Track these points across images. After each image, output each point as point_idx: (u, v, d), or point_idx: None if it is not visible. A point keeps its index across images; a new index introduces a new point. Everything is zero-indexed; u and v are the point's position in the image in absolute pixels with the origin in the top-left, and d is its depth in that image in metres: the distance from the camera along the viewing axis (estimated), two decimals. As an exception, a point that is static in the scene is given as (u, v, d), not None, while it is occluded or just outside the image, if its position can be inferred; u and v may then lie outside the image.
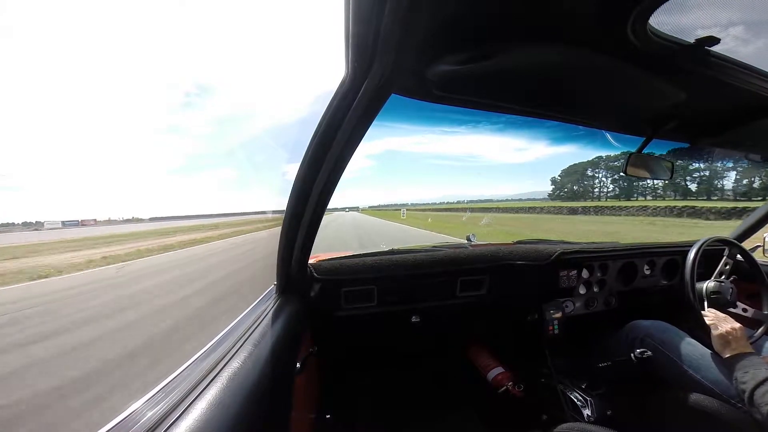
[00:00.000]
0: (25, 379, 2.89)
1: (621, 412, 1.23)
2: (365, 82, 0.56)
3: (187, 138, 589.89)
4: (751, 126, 1.00)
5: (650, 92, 0.80)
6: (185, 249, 14.24)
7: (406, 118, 0.89)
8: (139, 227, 59.68)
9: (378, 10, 0.43)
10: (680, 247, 1.63)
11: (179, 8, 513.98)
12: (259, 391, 0.58)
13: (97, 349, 3.37)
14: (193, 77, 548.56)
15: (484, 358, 1.65)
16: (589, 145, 1.33)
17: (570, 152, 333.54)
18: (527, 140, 1.27)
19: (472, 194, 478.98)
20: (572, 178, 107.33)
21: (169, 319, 4.13)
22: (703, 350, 1.15)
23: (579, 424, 1.07)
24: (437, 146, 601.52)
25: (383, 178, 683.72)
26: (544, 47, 0.60)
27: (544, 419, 1.34)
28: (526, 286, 1.45)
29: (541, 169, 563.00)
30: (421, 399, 1.59)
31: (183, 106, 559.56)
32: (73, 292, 6.55)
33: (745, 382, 0.89)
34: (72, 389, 2.59)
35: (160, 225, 64.53)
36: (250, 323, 0.81)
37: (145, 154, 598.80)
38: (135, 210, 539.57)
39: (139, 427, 0.45)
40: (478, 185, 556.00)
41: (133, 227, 60.42)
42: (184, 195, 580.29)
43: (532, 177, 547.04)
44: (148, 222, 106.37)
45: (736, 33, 0.61)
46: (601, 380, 1.32)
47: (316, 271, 1.17)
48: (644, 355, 1.21)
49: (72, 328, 4.12)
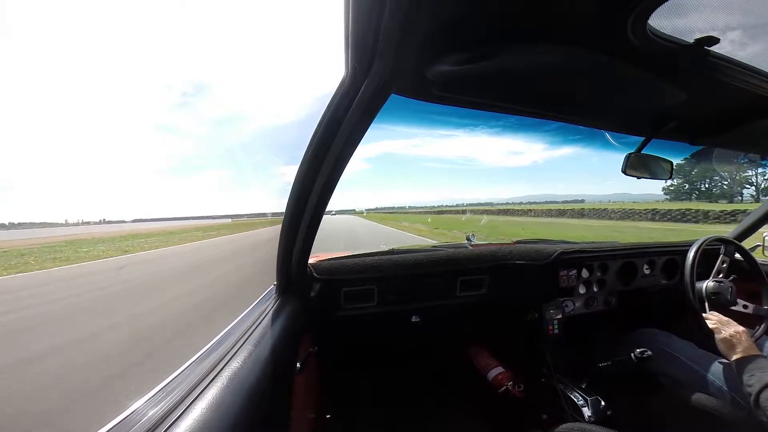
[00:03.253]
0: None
1: (621, 412, 1.23)
2: (365, 82, 0.56)
3: (184, 138, 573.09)
4: (750, 126, 1.00)
5: (650, 92, 0.80)
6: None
7: (406, 119, 0.89)
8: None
9: (378, 10, 0.43)
10: (680, 246, 1.63)
11: (178, 8, 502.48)
12: (259, 391, 0.58)
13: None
14: (191, 77, 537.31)
15: (484, 358, 1.65)
16: (588, 146, 1.33)
17: (568, 155, 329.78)
18: (524, 143, 1.27)
19: (471, 197, 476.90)
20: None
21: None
22: (703, 353, 1.16)
23: (579, 424, 1.07)
24: (434, 149, 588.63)
25: (380, 181, 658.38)
26: (544, 47, 0.60)
27: (544, 419, 1.34)
28: (526, 285, 1.45)
29: (538, 172, 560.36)
30: (421, 399, 1.59)
31: (180, 106, 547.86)
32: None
33: (751, 385, 0.88)
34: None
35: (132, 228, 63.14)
36: (250, 323, 0.81)
37: (139, 153, 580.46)
38: (119, 212, 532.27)
39: (139, 426, 0.45)
40: (476, 188, 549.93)
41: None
42: (178, 196, 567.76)
43: (530, 181, 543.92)
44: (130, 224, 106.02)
45: (736, 33, 0.61)
46: (601, 380, 1.33)
47: (316, 271, 1.17)
48: (644, 355, 1.22)
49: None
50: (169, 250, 15.55)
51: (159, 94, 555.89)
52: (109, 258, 13.04)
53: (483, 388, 1.53)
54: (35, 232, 62.63)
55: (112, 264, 11.26)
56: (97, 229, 69.71)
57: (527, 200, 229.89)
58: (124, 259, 12.41)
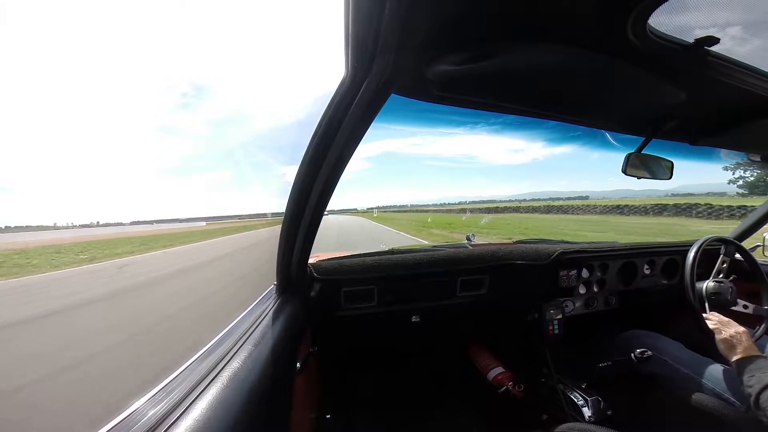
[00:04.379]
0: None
1: (621, 412, 1.23)
2: (365, 82, 0.56)
3: (182, 139, 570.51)
4: (750, 126, 1.00)
5: (650, 92, 0.80)
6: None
7: (406, 119, 0.89)
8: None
9: (378, 10, 0.43)
10: (680, 246, 1.63)
11: (178, 8, 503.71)
12: (259, 391, 0.58)
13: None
14: (190, 77, 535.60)
15: (484, 358, 1.65)
16: (588, 144, 1.33)
17: (569, 152, 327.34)
18: (525, 141, 1.27)
19: (472, 195, 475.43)
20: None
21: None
22: (690, 353, 1.17)
23: (579, 424, 1.07)
24: (435, 148, 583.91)
25: (382, 180, 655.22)
26: (544, 47, 0.60)
27: (544, 419, 1.34)
28: (526, 285, 1.45)
29: (540, 170, 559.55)
30: (421, 399, 1.59)
31: (180, 107, 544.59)
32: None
33: (751, 386, 0.88)
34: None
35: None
36: (250, 323, 0.81)
37: (136, 154, 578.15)
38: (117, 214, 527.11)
39: (140, 426, 0.45)
40: (477, 186, 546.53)
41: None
42: (175, 197, 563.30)
43: (531, 177, 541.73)
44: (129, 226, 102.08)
45: (736, 33, 0.61)
46: (601, 380, 1.33)
47: (316, 271, 1.17)
48: (644, 355, 1.22)
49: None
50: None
51: (159, 94, 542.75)
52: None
53: (483, 388, 1.53)
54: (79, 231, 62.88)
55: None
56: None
57: (530, 197, 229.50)
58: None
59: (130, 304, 5.73)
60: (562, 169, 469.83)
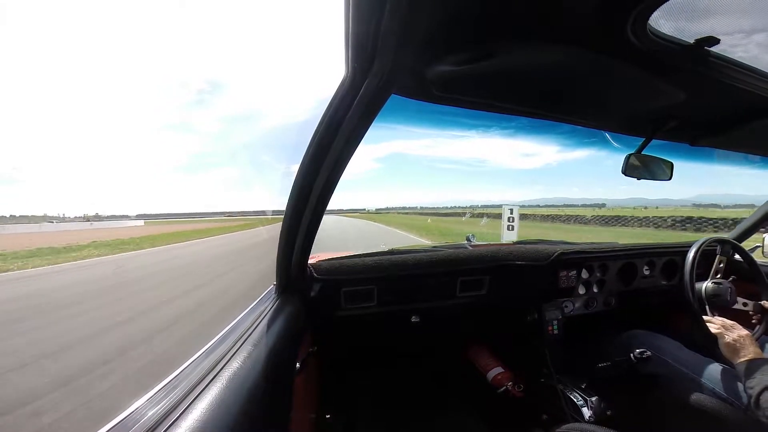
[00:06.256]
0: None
1: (621, 412, 1.23)
2: (365, 82, 0.56)
3: (182, 138, 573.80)
4: (750, 126, 1.00)
5: (650, 92, 0.80)
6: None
7: (412, 119, 0.88)
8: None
9: (378, 10, 0.43)
10: (679, 247, 1.63)
11: (179, 9, 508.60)
12: (259, 391, 0.58)
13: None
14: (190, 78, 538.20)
15: (484, 358, 1.65)
16: (603, 149, 1.31)
17: (582, 158, 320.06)
18: (537, 145, 1.26)
19: (482, 199, 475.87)
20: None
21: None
22: (690, 353, 1.16)
23: (579, 424, 1.07)
24: (445, 149, 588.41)
25: (391, 181, 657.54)
26: (544, 47, 0.60)
27: (544, 419, 1.34)
28: (526, 286, 1.45)
29: (552, 175, 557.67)
30: (421, 399, 1.59)
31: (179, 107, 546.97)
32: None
33: (752, 387, 0.89)
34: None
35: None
36: (250, 323, 0.81)
37: (138, 153, 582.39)
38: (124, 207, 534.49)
39: (139, 426, 0.45)
40: (487, 190, 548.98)
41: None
42: (171, 195, 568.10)
43: (543, 183, 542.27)
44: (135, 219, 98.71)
45: (736, 33, 0.61)
46: (601, 380, 1.32)
47: (316, 271, 1.17)
48: (644, 355, 1.21)
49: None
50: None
51: (158, 94, 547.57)
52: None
53: (483, 389, 1.53)
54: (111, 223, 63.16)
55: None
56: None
57: (543, 203, 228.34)
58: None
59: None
60: (575, 175, 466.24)
